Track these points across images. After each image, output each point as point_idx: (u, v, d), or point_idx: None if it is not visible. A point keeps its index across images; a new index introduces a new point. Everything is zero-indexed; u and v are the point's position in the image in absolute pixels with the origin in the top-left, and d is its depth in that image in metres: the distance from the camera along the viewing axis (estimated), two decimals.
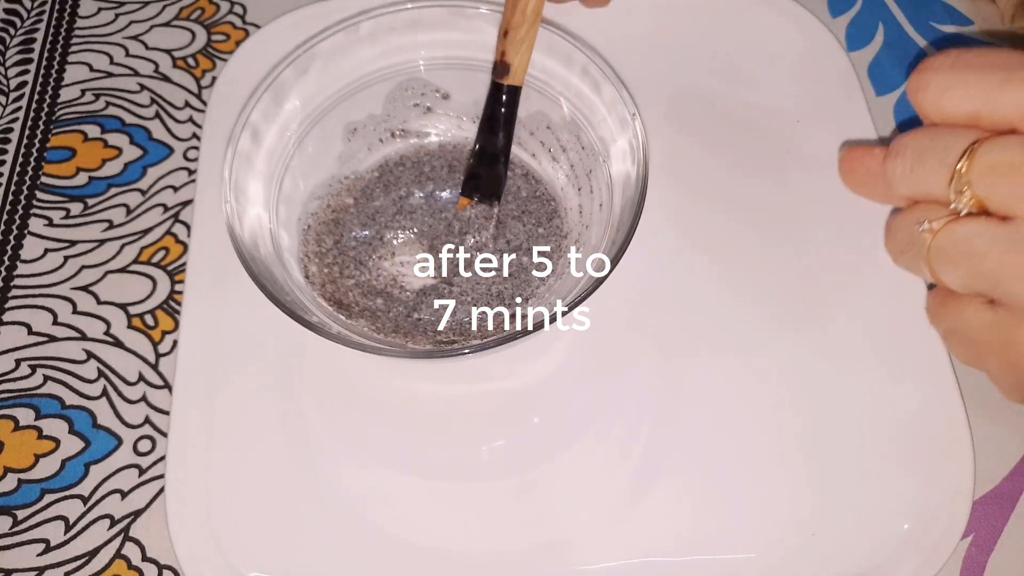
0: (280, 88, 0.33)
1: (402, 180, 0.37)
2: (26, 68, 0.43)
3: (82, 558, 0.32)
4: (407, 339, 0.33)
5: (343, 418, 0.33)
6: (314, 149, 0.36)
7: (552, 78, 0.35)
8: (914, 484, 0.32)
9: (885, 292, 0.35)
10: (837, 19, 0.44)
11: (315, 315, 0.30)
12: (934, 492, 0.32)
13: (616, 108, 0.33)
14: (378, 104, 0.37)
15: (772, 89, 0.41)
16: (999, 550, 0.32)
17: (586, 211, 0.35)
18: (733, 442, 0.33)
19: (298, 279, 0.33)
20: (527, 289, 0.34)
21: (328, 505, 0.32)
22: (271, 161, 0.34)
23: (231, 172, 0.31)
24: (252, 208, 0.32)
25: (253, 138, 0.33)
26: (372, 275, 0.35)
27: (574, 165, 0.36)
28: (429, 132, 0.38)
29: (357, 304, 0.34)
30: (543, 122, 0.36)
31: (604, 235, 0.32)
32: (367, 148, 0.38)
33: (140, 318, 0.36)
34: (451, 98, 0.38)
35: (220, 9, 0.45)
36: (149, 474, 0.33)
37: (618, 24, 0.42)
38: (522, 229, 0.36)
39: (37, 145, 0.41)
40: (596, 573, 0.31)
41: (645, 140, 0.31)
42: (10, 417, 0.34)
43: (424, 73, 0.37)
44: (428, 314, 0.34)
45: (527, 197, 0.36)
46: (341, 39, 0.34)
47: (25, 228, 0.38)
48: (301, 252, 0.35)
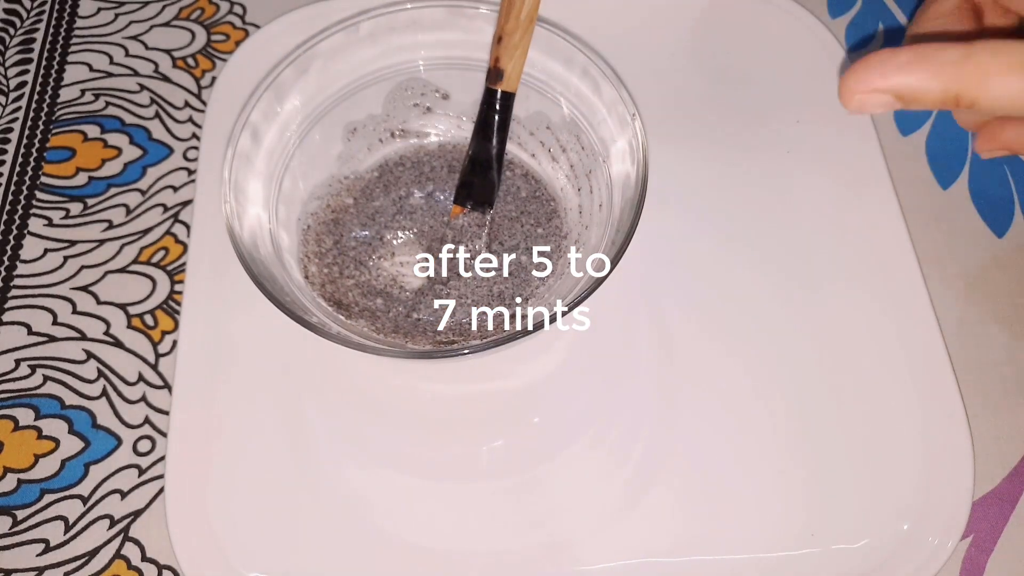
0: (280, 88, 0.33)
1: (402, 180, 0.37)
2: (26, 68, 0.43)
3: (82, 558, 0.32)
4: (407, 339, 0.33)
5: (343, 418, 0.33)
6: (314, 149, 0.36)
7: (552, 78, 0.35)
8: (914, 484, 0.32)
9: (885, 292, 0.35)
10: (837, 19, 0.44)
11: (315, 315, 0.30)
12: (934, 492, 0.32)
13: (616, 108, 0.33)
14: (378, 104, 0.37)
15: (772, 89, 0.41)
16: (999, 550, 0.32)
17: (586, 211, 0.35)
18: (732, 442, 0.33)
19: (298, 279, 0.33)
20: (527, 289, 0.34)
21: (328, 505, 0.32)
22: (271, 161, 0.34)
23: (231, 172, 0.31)
24: (252, 208, 0.32)
25: (253, 138, 0.33)
26: (372, 275, 0.35)
27: (574, 165, 0.36)
28: (429, 132, 0.38)
29: (357, 304, 0.34)
30: (543, 122, 0.37)
31: (604, 235, 0.32)
32: (367, 148, 0.38)
33: (140, 318, 0.36)
34: (451, 98, 0.38)
35: (220, 9, 0.45)
36: (149, 474, 0.33)
37: (618, 24, 0.42)
38: (521, 229, 0.36)
39: (37, 145, 0.41)
40: (595, 573, 0.31)
41: (645, 140, 0.31)
42: (10, 417, 0.34)
43: (424, 73, 0.37)
44: (428, 314, 0.34)
45: (527, 197, 0.36)
46: (341, 39, 0.34)
47: (25, 228, 0.38)
48: (301, 252, 0.35)
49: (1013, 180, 0.39)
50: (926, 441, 0.33)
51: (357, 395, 0.34)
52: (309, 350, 0.35)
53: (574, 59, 0.34)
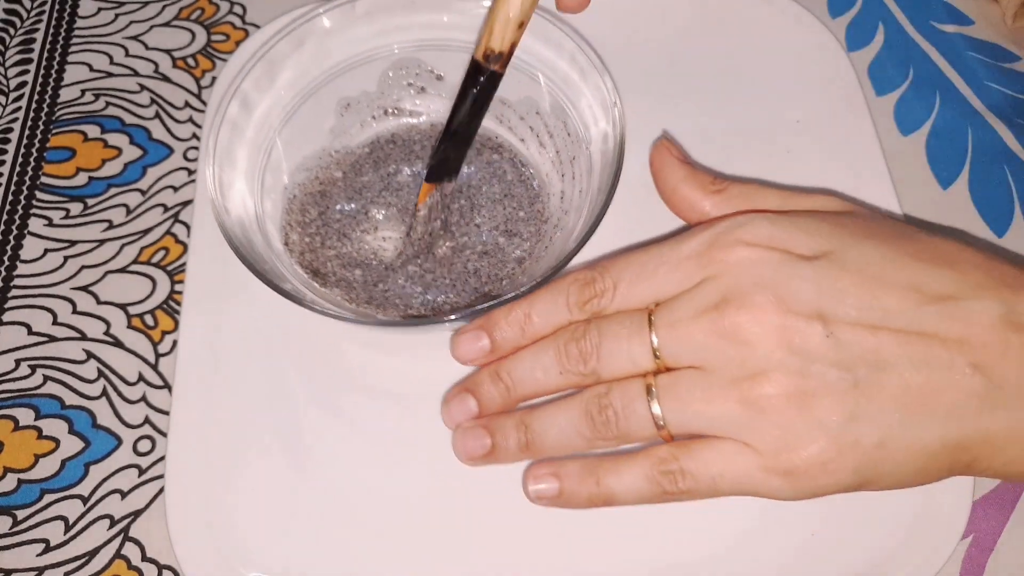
0: (274, 59, 0.34)
1: (392, 157, 0.38)
2: (26, 68, 0.43)
3: (82, 558, 0.32)
4: (379, 311, 0.34)
5: (344, 418, 0.33)
6: (306, 121, 0.36)
7: (543, 64, 0.36)
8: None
9: None
10: (837, 19, 0.44)
11: (289, 282, 0.31)
12: (934, 492, 0.32)
13: (599, 96, 0.33)
14: (373, 81, 0.38)
15: (772, 89, 0.41)
16: (999, 550, 0.32)
17: (567, 197, 0.36)
18: None
19: (277, 246, 0.34)
20: (503, 269, 0.35)
21: (328, 505, 0.32)
22: (261, 130, 0.35)
23: (216, 137, 0.32)
24: (237, 173, 0.33)
25: (243, 106, 0.33)
26: (353, 247, 0.36)
27: (559, 151, 0.37)
28: (421, 112, 0.39)
29: (334, 274, 0.35)
30: (533, 108, 0.37)
31: (579, 220, 0.33)
32: (359, 124, 0.38)
33: (140, 318, 0.36)
34: (445, 79, 0.38)
35: (220, 9, 0.45)
36: (149, 474, 0.33)
37: (618, 24, 0.42)
38: (503, 211, 0.36)
39: (37, 145, 0.41)
40: (595, 573, 0.31)
41: (623, 128, 0.32)
42: (10, 417, 0.34)
43: (419, 54, 0.38)
44: (403, 287, 0.34)
45: (512, 180, 0.37)
46: (338, 16, 0.35)
47: (25, 228, 0.38)
48: (284, 220, 0.35)
49: (1013, 180, 0.39)
50: None
51: (359, 396, 0.34)
52: (311, 350, 0.35)
53: (563, 45, 0.35)
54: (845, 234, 0.28)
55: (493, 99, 0.33)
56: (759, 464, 0.27)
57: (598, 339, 0.29)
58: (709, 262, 0.28)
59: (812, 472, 0.26)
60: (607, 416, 0.28)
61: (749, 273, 0.27)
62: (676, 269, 0.29)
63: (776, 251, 0.28)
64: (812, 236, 0.28)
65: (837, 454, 0.26)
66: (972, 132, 0.41)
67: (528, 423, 0.29)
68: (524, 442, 0.29)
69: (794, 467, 0.26)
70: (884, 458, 0.26)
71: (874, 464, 0.26)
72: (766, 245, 0.28)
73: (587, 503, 0.29)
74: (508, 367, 0.30)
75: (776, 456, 0.26)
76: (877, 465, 0.26)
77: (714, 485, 0.27)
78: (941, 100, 0.42)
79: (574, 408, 0.29)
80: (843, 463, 0.26)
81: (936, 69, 0.43)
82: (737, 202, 0.32)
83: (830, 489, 0.27)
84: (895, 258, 0.27)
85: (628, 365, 0.28)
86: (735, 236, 0.28)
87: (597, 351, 0.28)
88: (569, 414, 0.29)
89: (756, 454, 0.27)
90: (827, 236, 0.28)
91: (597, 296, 0.29)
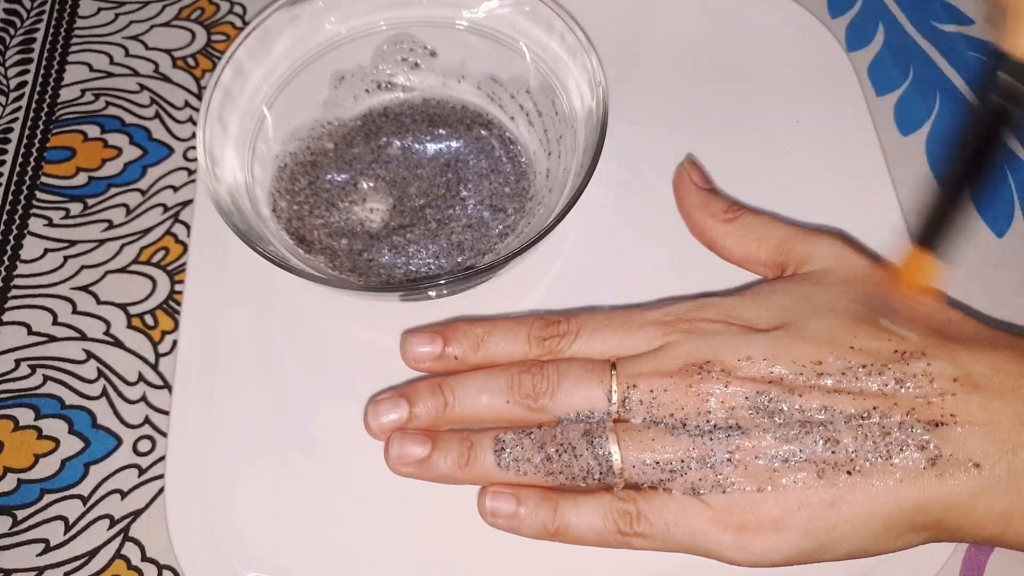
0: (270, 29, 0.35)
1: (383, 130, 0.38)
2: (26, 68, 0.43)
3: (82, 558, 0.32)
4: (362, 279, 0.34)
5: (345, 419, 0.33)
6: (300, 92, 0.37)
7: (533, 42, 0.37)
8: None
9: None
10: (837, 19, 0.44)
11: (272, 245, 0.32)
12: None
13: (586, 75, 0.34)
14: (367, 55, 0.39)
15: (772, 89, 0.41)
16: (999, 550, 0.32)
17: (552, 175, 0.36)
18: None
19: (264, 212, 0.35)
20: (486, 243, 0.36)
21: (328, 505, 0.32)
22: (254, 99, 0.36)
23: (209, 102, 0.33)
24: (229, 138, 0.34)
25: (237, 73, 0.34)
26: (341, 217, 0.36)
27: (548, 130, 0.37)
28: (414, 88, 0.39)
29: (320, 242, 0.35)
30: (523, 86, 0.38)
31: (561, 197, 0.34)
32: (352, 97, 0.39)
33: (140, 318, 0.36)
34: (438, 56, 0.39)
35: (220, 9, 0.45)
36: (149, 474, 0.33)
37: (618, 24, 0.42)
38: (488, 186, 0.37)
39: (37, 145, 0.41)
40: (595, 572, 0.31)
41: (606, 105, 0.33)
42: (10, 417, 0.34)
43: (414, 29, 0.38)
44: (387, 257, 0.35)
45: (500, 156, 0.38)
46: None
47: (25, 228, 0.38)
48: (273, 187, 0.36)
49: (1013, 180, 0.39)
50: None
51: (361, 396, 0.34)
52: (312, 349, 0.35)
53: (553, 25, 0.35)
54: (807, 307, 0.30)
55: (486, 76, 0.34)
56: (710, 517, 0.27)
57: (557, 378, 0.29)
58: (673, 330, 0.30)
59: (762, 528, 0.27)
60: (562, 457, 0.29)
61: (708, 341, 0.29)
62: (639, 330, 0.30)
63: (735, 325, 0.29)
64: (772, 311, 0.30)
65: (785, 511, 0.27)
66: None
67: (475, 440, 0.30)
68: (466, 460, 0.29)
69: (745, 522, 0.27)
70: (837, 520, 0.27)
71: (827, 527, 0.27)
72: (726, 321, 0.30)
73: (541, 530, 0.29)
74: (453, 383, 0.30)
75: (728, 511, 0.27)
76: (831, 529, 0.27)
77: (668, 532, 0.28)
78: (941, 100, 0.42)
79: (525, 439, 0.29)
80: (792, 521, 0.27)
81: (936, 69, 0.43)
82: (744, 232, 0.33)
83: (784, 551, 0.27)
84: (852, 325, 0.29)
85: (585, 408, 0.29)
86: (699, 314, 0.30)
87: (553, 389, 0.29)
88: (521, 444, 0.29)
89: (707, 507, 0.27)
90: (787, 310, 0.30)
91: (558, 336, 0.30)
